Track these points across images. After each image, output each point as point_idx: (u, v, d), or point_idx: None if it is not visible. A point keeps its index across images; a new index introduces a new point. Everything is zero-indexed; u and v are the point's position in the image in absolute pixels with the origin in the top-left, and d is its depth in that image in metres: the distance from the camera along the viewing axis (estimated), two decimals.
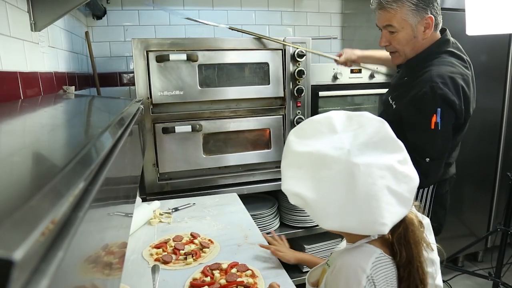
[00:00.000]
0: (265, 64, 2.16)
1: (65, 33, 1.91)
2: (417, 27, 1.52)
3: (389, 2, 1.51)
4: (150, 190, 2.09)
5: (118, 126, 0.68)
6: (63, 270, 0.26)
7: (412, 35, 1.54)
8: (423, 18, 1.50)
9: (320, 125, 0.89)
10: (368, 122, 0.86)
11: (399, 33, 1.55)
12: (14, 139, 0.58)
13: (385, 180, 0.79)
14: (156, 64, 1.95)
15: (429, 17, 1.50)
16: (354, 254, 0.89)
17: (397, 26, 1.53)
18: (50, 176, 0.31)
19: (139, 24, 2.73)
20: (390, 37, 1.59)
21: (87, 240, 0.36)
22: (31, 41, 1.35)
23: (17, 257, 0.18)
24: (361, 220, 0.80)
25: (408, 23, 1.52)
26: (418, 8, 1.49)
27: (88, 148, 0.44)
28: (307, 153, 0.85)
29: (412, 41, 1.56)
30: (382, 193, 0.79)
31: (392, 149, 0.84)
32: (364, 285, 0.83)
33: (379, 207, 0.78)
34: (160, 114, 2.03)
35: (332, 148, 0.82)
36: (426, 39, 1.55)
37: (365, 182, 0.78)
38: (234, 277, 1.24)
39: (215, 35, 2.87)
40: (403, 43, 1.57)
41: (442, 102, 1.44)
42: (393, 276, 0.90)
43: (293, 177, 0.86)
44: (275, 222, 2.32)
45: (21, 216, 0.22)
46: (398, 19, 1.52)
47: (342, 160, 0.80)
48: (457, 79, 1.47)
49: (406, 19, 1.51)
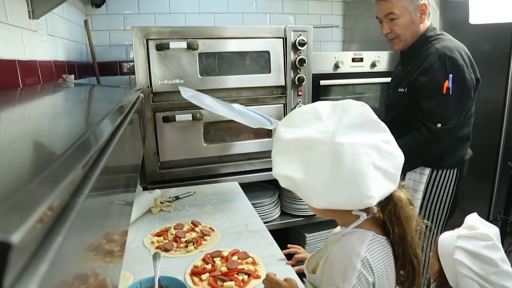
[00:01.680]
0: (265, 52, 2.14)
1: (63, 21, 1.90)
2: (415, 13, 1.72)
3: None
4: (151, 178, 2.09)
5: (117, 114, 0.68)
6: (63, 256, 0.25)
7: (411, 20, 1.74)
8: (419, 5, 1.71)
9: (307, 114, 0.94)
10: (351, 107, 0.91)
11: (399, 19, 1.74)
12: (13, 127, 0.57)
13: (370, 157, 0.83)
14: (156, 52, 1.94)
15: (424, 3, 1.72)
16: (348, 239, 0.91)
17: (398, 12, 1.73)
18: (49, 162, 0.31)
19: (139, 13, 2.71)
20: (391, 24, 1.77)
21: (87, 226, 0.36)
22: (29, 29, 1.34)
23: (14, 240, 0.18)
24: (349, 195, 0.84)
25: (407, 9, 1.72)
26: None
27: (87, 135, 0.44)
28: (295, 140, 0.89)
29: (412, 26, 1.75)
30: (367, 168, 0.83)
31: (375, 130, 0.88)
32: (359, 268, 0.85)
33: (365, 182, 0.82)
34: (161, 103, 2.03)
35: (318, 132, 0.87)
36: (423, 25, 1.76)
37: (350, 159, 0.82)
38: (235, 265, 1.25)
39: (215, 23, 2.85)
40: (404, 27, 1.76)
41: (453, 67, 1.61)
42: (389, 255, 0.93)
43: (282, 163, 0.91)
44: (276, 210, 2.33)
45: (19, 200, 0.22)
46: (398, 7, 1.72)
47: (327, 141, 0.84)
48: (460, 49, 1.68)
49: (405, 6, 1.71)
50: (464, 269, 1.06)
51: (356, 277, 0.85)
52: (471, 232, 1.10)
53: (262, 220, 1.69)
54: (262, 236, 1.49)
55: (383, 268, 0.91)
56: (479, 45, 2.49)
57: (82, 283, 0.34)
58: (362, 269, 0.85)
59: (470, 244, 1.08)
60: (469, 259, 1.06)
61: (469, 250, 1.07)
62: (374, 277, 0.88)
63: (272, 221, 2.28)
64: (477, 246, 1.07)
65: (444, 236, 1.16)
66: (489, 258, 1.05)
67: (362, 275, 0.85)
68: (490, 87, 2.61)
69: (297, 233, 2.45)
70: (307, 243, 2.35)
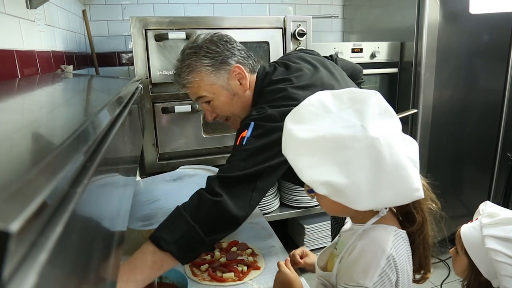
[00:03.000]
0: (265, 43, 2.13)
1: (61, 11, 1.88)
2: (230, 83, 1.31)
3: (184, 78, 1.31)
4: (150, 170, 2.09)
5: (116, 105, 0.67)
6: (62, 245, 0.25)
7: (230, 94, 1.32)
8: (229, 72, 1.30)
9: (315, 108, 0.85)
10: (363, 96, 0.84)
11: (215, 100, 1.33)
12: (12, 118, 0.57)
13: (401, 148, 0.79)
14: (155, 43, 1.93)
15: (236, 66, 1.30)
16: (372, 235, 0.87)
17: (208, 95, 1.32)
18: (48, 152, 0.31)
19: (137, 3, 2.69)
20: (211, 108, 1.36)
21: (86, 216, 0.36)
22: (27, 18, 1.32)
23: (14, 229, 0.18)
24: (395, 191, 0.78)
25: (217, 85, 1.30)
26: (216, 66, 1.28)
27: (86, 126, 0.44)
28: (318, 138, 0.80)
29: (235, 100, 1.34)
30: (405, 160, 0.78)
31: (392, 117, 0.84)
32: (383, 266, 0.82)
33: (408, 174, 0.78)
34: (160, 94, 2.02)
35: (343, 127, 0.79)
36: (251, 88, 1.34)
37: (389, 153, 0.77)
38: (235, 256, 1.26)
39: (214, 13, 2.83)
40: (227, 107, 1.34)
41: (257, 119, 1.17)
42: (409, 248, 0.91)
43: (310, 166, 0.81)
44: (275, 202, 2.34)
45: (18, 189, 0.22)
46: (203, 88, 1.31)
47: (361, 137, 0.77)
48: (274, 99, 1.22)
49: (212, 83, 1.29)
50: (499, 256, 1.04)
51: (379, 274, 0.81)
52: (495, 219, 1.08)
53: (262, 212, 1.69)
54: (261, 227, 1.49)
55: (407, 263, 0.89)
56: (479, 35, 2.48)
57: (81, 274, 0.34)
58: (386, 267, 0.82)
59: (498, 230, 1.06)
60: (502, 245, 1.04)
61: (500, 236, 1.05)
62: (398, 275, 0.85)
63: (271, 213, 2.29)
64: (506, 231, 1.05)
65: (466, 229, 1.14)
66: None
67: (384, 274, 0.82)
68: (489, 77, 2.61)
69: (296, 224, 2.46)
70: (306, 234, 2.37)
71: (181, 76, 1.31)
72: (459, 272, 1.18)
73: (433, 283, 2.49)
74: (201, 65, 1.27)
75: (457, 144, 2.67)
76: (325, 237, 2.41)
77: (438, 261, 2.62)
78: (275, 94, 1.22)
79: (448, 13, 2.36)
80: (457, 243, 1.17)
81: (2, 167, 0.28)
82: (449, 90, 2.53)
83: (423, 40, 2.35)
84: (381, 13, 2.75)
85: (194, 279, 1.17)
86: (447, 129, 2.58)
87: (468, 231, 1.13)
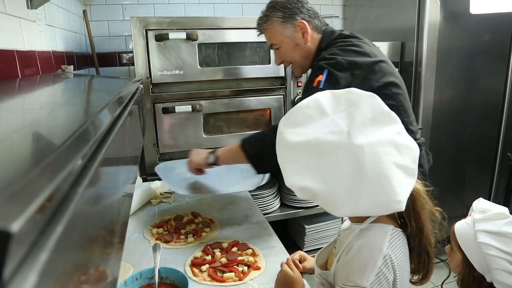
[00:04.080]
0: (265, 43, 2.12)
1: (62, 11, 1.88)
2: (294, 35, 1.55)
3: (261, 24, 1.60)
4: (151, 170, 2.09)
5: (116, 105, 0.67)
6: (63, 246, 0.25)
7: (294, 44, 1.57)
8: (295, 26, 1.54)
9: (309, 110, 0.85)
10: (359, 99, 0.83)
11: (282, 47, 1.59)
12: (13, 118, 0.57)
13: (390, 156, 0.77)
14: (155, 43, 1.93)
15: (300, 22, 1.53)
16: (369, 234, 0.88)
17: (277, 42, 1.59)
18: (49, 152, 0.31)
19: (138, 3, 2.69)
20: (279, 53, 1.63)
21: (87, 217, 0.36)
22: (28, 19, 1.33)
23: (14, 229, 0.18)
24: (375, 202, 0.78)
25: (284, 35, 1.56)
26: (286, 19, 1.54)
27: (86, 126, 0.44)
28: (304, 143, 0.80)
29: (297, 49, 1.58)
30: (390, 169, 0.77)
31: (388, 122, 0.81)
32: (380, 266, 0.82)
33: (390, 185, 0.76)
34: (160, 94, 2.02)
35: (329, 133, 0.79)
36: (312, 42, 1.57)
37: (371, 162, 0.76)
38: (235, 256, 1.25)
39: (215, 13, 2.83)
40: (290, 53, 1.60)
41: (329, 64, 1.40)
42: (406, 247, 0.91)
43: (294, 171, 0.82)
44: (276, 202, 2.33)
45: (19, 189, 0.22)
46: (274, 36, 1.58)
47: (344, 144, 0.76)
48: (344, 48, 1.46)
49: (280, 32, 1.56)
50: (491, 250, 1.05)
51: (375, 274, 0.81)
52: (487, 215, 1.10)
53: (262, 212, 1.69)
54: (262, 227, 1.49)
55: (404, 262, 0.89)
56: (480, 35, 2.48)
57: (82, 274, 0.34)
58: (382, 267, 0.82)
59: (490, 225, 1.08)
60: (494, 239, 1.06)
61: (492, 231, 1.06)
62: (395, 274, 0.85)
63: (271, 213, 2.29)
64: (497, 225, 1.07)
65: (460, 225, 1.15)
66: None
67: (381, 273, 0.82)
68: (490, 78, 2.61)
69: (297, 224, 2.46)
70: (306, 234, 2.36)
71: (259, 24, 1.60)
72: (454, 267, 1.20)
73: (434, 283, 2.49)
74: (273, 16, 1.55)
75: (457, 144, 2.67)
76: (326, 237, 2.41)
77: (439, 261, 2.62)
78: (344, 43, 1.48)
79: (448, 13, 2.35)
80: (451, 239, 1.18)
81: (3, 167, 0.28)
82: (449, 90, 2.53)
83: (423, 40, 2.35)
84: (381, 13, 2.75)
85: (194, 279, 1.17)
86: (447, 129, 2.58)
87: (462, 227, 1.14)
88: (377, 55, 1.49)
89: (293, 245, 2.46)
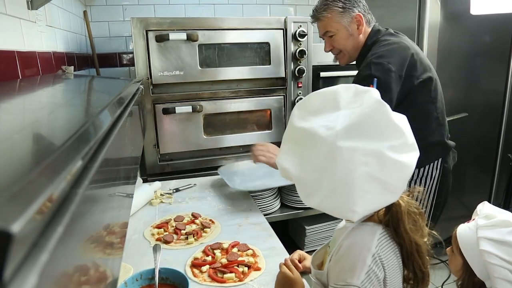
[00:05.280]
0: (265, 44, 2.13)
1: (62, 12, 1.88)
2: (350, 25, 1.67)
3: (319, 12, 1.69)
4: (151, 171, 2.09)
5: (117, 106, 0.67)
6: (63, 246, 0.25)
7: (348, 34, 1.69)
8: (352, 17, 1.66)
9: (325, 100, 0.87)
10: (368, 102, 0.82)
11: (336, 35, 1.70)
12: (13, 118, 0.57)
13: (368, 167, 0.77)
14: (155, 44, 1.93)
15: (357, 14, 1.66)
16: (358, 234, 0.88)
17: (333, 30, 1.69)
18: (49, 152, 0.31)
19: (138, 4, 2.69)
20: (331, 41, 1.73)
21: (87, 217, 0.36)
22: (28, 19, 1.33)
23: (15, 230, 0.18)
24: (334, 203, 0.81)
25: (341, 24, 1.67)
26: (345, 9, 1.65)
27: (87, 127, 0.44)
28: (301, 130, 0.85)
29: (350, 39, 1.70)
30: (361, 180, 0.77)
31: (386, 135, 0.80)
32: (369, 264, 0.82)
33: (352, 194, 0.78)
34: (160, 95, 2.02)
35: (324, 127, 0.81)
36: (364, 35, 1.70)
37: (344, 167, 0.77)
38: (235, 257, 1.25)
39: (215, 14, 2.83)
40: (343, 42, 1.71)
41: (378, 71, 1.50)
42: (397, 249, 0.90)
43: (287, 151, 0.88)
44: (276, 203, 2.33)
45: (19, 190, 0.22)
46: (331, 24, 1.68)
47: (328, 142, 0.79)
48: (395, 50, 1.58)
49: (338, 21, 1.67)
50: (493, 258, 1.03)
51: (365, 272, 0.82)
52: (491, 221, 1.07)
53: (262, 212, 1.69)
54: (262, 228, 1.49)
55: (395, 261, 0.88)
56: (480, 36, 2.48)
57: (82, 274, 0.34)
58: (372, 264, 0.83)
59: (493, 232, 1.05)
60: (496, 248, 1.03)
61: (494, 239, 1.04)
62: (385, 273, 0.85)
63: (272, 213, 2.28)
64: (501, 233, 1.04)
65: (462, 229, 1.13)
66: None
67: (371, 271, 0.82)
68: (490, 78, 2.60)
69: (297, 225, 2.46)
70: (307, 235, 2.36)
71: (318, 11, 1.70)
72: (454, 271, 1.18)
73: (434, 284, 2.48)
74: (334, 5, 1.66)
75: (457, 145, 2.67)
76: (326, 238, 2.40)
77: (439, 262, 2.62)
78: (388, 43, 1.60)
79: (449, 14, 2.35)
80: (453, 243, 1.16)
81: (4, 167, 0.28)
82: (449, 90, 2.53)
83: (424, 41, 2.35)
84: (381, 14, 2.74)
85: (194, 280, 1.17)
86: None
87: (464, 231, 1.12)
88: (417, 51, 1.61)
89: (293, 246, 2.46)
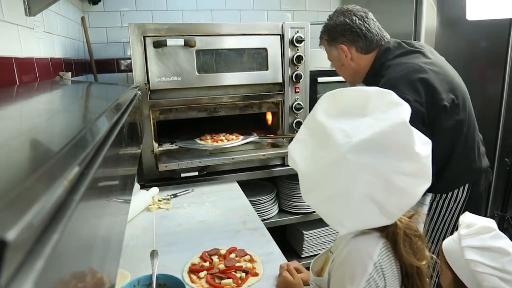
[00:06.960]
0: (263, 49, 2.14)
1: (60, 18, 1.89)
2: (339, 56, 1.66)
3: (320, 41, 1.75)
4: (149, 176, 2.09)
5: (114, 112, 0.67)
6: (59, 253, 0.25)
7: (340, 63, 1.69)
8: (337, 48, 1.64)
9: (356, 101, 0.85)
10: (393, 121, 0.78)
11: (333, 63, 1.75)
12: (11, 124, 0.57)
13: (371, 187, 0.77)
14: (153, 49, 1.93)
15: (340, 46, 1.63)
16: (361, 241, 0.88)
17: (329, 59, 1.75)
18: (46, 159, 0.31)
19: (136, 10, 2.70)
20: None
21: (84, 224, 0.36)
22: (26, 26, 1.33)
23: (10, 237, 0.18)
24: (327, 211, 0.83)
25: (332, 55, 1.70)
26: (330, 41, 1.67)
27: (84, 133, 0.44)
28: (321, 125, 0.83)
29: (343, 68, 1.70)
30: (359, 198, 0.77)
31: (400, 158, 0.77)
32: (370, 272, 0.82)
33: (345, 209, 0.79)
34: (158, 100, 2.02)
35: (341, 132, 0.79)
36: (358, 63, 1.64)
37: (346, 180, 0.77)
38: (233, 262, 1.25)
39: (213, 20, 2.84)
40: (338, 70, 1.75)
41: None
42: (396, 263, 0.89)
43: (301, 141, 0.89)
44: (274, 208, 2.33)
45: (15, 197, 0.22)
46: (327, 53, 1.73)
47: (339, 150, 0.77)
48: (408, 75, 1.42)
49: (329, 52, 1.71)
50: (479, 266, 1.01)
51: (366, 280, 0.82)
52: (472, 229, 1.05)
53: (260, 218, 1.69)
54: (260, 233, 1.49)
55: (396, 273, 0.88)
56: (476, 41, 2.49)
57: (79, 281, 0.34)
58: (373, 273, 0.82)
59: (475, 240, 1.03)
60: (481, 255, 1.01)
61: (478, 246, 1.02)
62: (385, 282, 0.85)
63: (270, 219, 2.28)
64: (483, 240, 1.02)
65: (447, 243, 1.11)
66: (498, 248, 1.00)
67: (372, 279, 0.82)
68: (487, 83, 2.61)
69: (295, 230, 2.45)
70: (305, 240, 2.36)
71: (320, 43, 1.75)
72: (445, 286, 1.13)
73: None
74: (322, 38, 1.70)
75: None
76: (324, 243, 2.40)
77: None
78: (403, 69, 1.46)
79: (445, 19, 2.37)
80: (440, 258, 1.12)
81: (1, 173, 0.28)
82: None
83: None
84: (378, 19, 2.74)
85: (192, 286, 1.16)
86: None
87: (449, 244, 1.09)
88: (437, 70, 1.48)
89: (291, 251, 2.45)
